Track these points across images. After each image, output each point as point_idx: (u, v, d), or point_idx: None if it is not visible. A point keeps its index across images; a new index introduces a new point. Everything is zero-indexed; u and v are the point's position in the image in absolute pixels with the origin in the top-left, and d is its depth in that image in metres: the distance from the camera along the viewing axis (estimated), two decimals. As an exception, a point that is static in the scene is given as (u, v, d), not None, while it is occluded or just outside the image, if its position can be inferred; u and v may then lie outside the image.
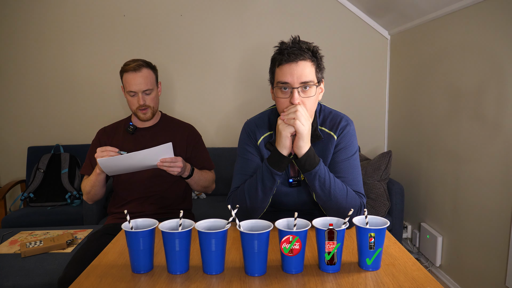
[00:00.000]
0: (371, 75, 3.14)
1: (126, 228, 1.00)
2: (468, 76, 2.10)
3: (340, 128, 1.31)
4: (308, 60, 1.19)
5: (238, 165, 1.36)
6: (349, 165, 1.29)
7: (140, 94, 1.64)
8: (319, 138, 1.29)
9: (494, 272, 1.94)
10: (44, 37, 3.00)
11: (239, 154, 1.37)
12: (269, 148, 1.32)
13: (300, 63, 1.18)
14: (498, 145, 1.90)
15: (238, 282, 0.94)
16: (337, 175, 1.27)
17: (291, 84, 1.18)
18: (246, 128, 1.37)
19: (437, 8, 2.31)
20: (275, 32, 3.03)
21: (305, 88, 1.19)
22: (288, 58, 1.18)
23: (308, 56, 1.19)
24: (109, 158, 1.47)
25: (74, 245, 1.98)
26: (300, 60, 1.18)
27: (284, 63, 1.19)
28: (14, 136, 3.09)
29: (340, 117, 1.33)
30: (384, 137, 3.23)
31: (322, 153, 1.31)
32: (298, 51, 1.18)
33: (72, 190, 2.81)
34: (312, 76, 1.20)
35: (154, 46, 3.03)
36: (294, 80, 1.18)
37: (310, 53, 1.20)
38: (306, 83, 1.18)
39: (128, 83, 1.63)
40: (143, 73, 1.64)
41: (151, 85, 1.67)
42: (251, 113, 3.02)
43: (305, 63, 1.18)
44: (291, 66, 1.18)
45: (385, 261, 1.04)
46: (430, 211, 2.56)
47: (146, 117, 1.69)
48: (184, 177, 1.64)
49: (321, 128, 1.32)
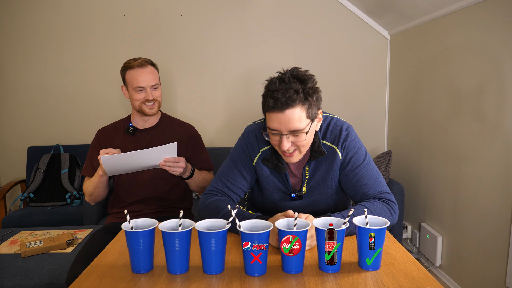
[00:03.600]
0: (371, 75, 3.14)
1: (126, 228, 1.00)
2: (468, 76, 2.10)
3: (343, 142, 1.28)
4: (296, 106, 1.10)
5: (225, 167, 1.34)
6: (366, 169, 1.27)
7: (148, 89, 1.65)
8: (322, 154, 1.26)
9: (494, 272, 1.94)
10: (44, 37, 3.00)
11: (231, 156, 1.35)
12: (266, 164, 1.30)
13: (287, 112, 1.10)
14: (498, 145, 1.90)
15: (238, 282, 0.94)
16: (359, 183, 1.25)
17: (280, 131, 1.14)
18: (245, 139, 1.33)
19: (437, 8, 2.31)
20: (275, 32, 3.03)
21: (295, 135, 1.14)
22: (274, 107, 1.10)
23: (299, 99, 1.10)
24: (113, 155, 1.47)
25: (74, 245, 1.98)
26: (287, 109, 1.09)
27: (271, 111, 1.12)
28: (14, 136, 3.09)
29: (339, 127, 1.29)
30: (384, 137, 3.23)
31: (327, 170, 1.29)
32: (284, 99, 1.08)
33: (72, 190, 2.81)
34: (300, 123, 1.12)
35: (154, 46, 3.03)
36: (282, 128, 1.13)
37: (301, 95, 1.10)
38: (294, 132, 1.13)
39: (135, 79, 1.63)
40: (149, 69, 1.65)
41: (158, 80, 1.69)
42: (252, 113, 3.04)
43: (292, 111, 1.10)
44: (278, 115, 1.11)
45: (385, 261, 1.04)
46: (430, 211, 2.56)
47: (153, 112, 1.69)
48: (184, 177, 1.65)
49: (324, 142, 1.29)
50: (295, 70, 1.15)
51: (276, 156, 1.28)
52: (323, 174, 1.30)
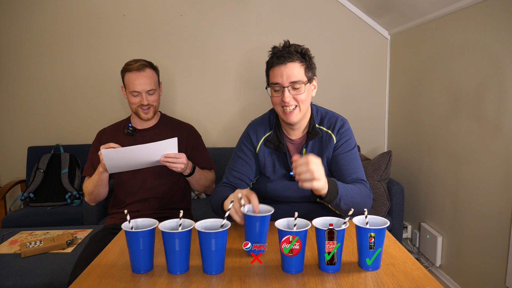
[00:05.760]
0: (371, 75, 3.14)
1: (126, 228, 1.00)
2: (468, 76, 2.10)
3: (338, 129, 1.40)
4: (296, 61, 1.29)
5: (231, 161, 1.48)
6: (351, 156, 1.38)
7: (143, 94, 1.64)
8: (317, 135, 1.39)
9: (494, 272, 1.94)
10: (44, 37, 3.00)
11: (235, 149, 1.48)
12: (268, 146, 1.41)
13: (288, 64, 1.28)
14: (498, 145, 1.90)
15: (238, 282, 0.94)
16: (341, 166, 1.37)
17: (282, 84, 1.30)
18: (248, 130, 1.47)
19: (437, 8, 2.31)
20: (275, 31, 3.03)
21: (295, 88, 1.29)
22: (277, 61, 1.29)
23: (297, 57, 1.30)
24: (113, 150, 1.47)
25: (74, 245, 1.98)
26: (289, 62, 1.28)
27: (275, 65, 1.30)
28: (14, 136, 3.09)
29: (335, 117, 1.43)
30: (384, 137, 3.23)
31: (320, 149, 1.40)
32: (287, 54, 1.28)
33: (72, 190, 2.81)
34: (300, 75, 1.30)
35: (154, 46, 3.03)
36: (283, 80, 1.29)
37: (298, 55, 1.30)
38: (295, 82, 1.29)
39: (132, 83, 1.63)
40: (146, 73, 1.64)
41: (154, 85, 1.67)
42: (252, 113, 3.04)
43: (293, 64, 1.29)
44: (280, 68, 1.29)
45: (385, 261, 1.04)
46: (430, 211, 2.56)
47: (148, 117, 1.69)
48: (185, 174, 1.64)
49: (319, 127, 1.42)
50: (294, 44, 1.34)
51: (277, 137, 1.41)
52: (319, 155, 1.39)
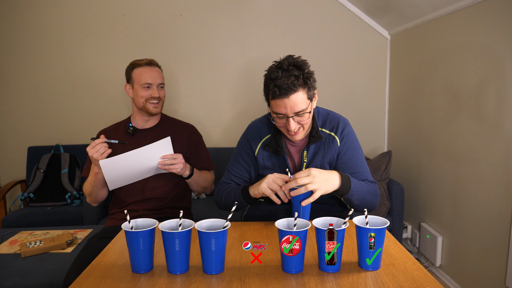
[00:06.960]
0: (371, 75, 3.14)
1: (126, 228, 1.00)
2: (468, 76, 2.10)
3: (341, 131, 1.39)
4: (299, 90, 1.23)
5: (230, 163, 1.49)
6: (358, 160, 1.39)
7: (155, 87, 1.69)
8: (320, 139, 1.37)
9: (494, 272, 1.94)
10: (45, 37, 2.99)
11: (234, 151, 1.48)
12: (267, 149, 1.41)
13: (291, 97, 1.23)
14: (498, 145, 1.90)
15: (238, 282, 0.94)
16: (351, 172, 1.37)
17: (286, 114, 1.26)
18: (247, 133, 1.46)
19: (437, 8, 2.31)
20: (275, 31, 3.02)
21: (299, 115, 1.26)
22: (280, 94, 1.22)
23: (299, 85, 1.23)
24: (110, 159, 1.48)
25: (74, 245, 1.98)
26: (291, 94, 1.22)
27: (277, 98, 1.24)
28: (14, 136, 3.09)
29: (337, 119, 1.41)
30: (384, 137, 3.23)
31: (325, 155, 1.38)
32: (288, 85, 1.21)
33: (72, 190, 2.81)
34: (304, 104, 1.25)
35: (154, 46, 3.03)
36: (288, 111, 1.25)
37: (301, 80, 1.23)
38: (299, 112, 1.25)
39: (143, 75, 1.67)
40: (156, 68, 1.72)
41: (163, 81, 1.75)
42: (253, 113, 3.04)
43: (296, 96, 1.23)
44: (284, 101, 1.23)
45: (385, 261, 1.04)
46: (430, 211, 2.56)
47: (157, 111, 1.72)
48: (184, 177, 1.64)
49: (322, 130, 1.40)
50: (290, 58, 1.29)
51: (276, 141, 1.39)
52: (321, 158, 1.38)
